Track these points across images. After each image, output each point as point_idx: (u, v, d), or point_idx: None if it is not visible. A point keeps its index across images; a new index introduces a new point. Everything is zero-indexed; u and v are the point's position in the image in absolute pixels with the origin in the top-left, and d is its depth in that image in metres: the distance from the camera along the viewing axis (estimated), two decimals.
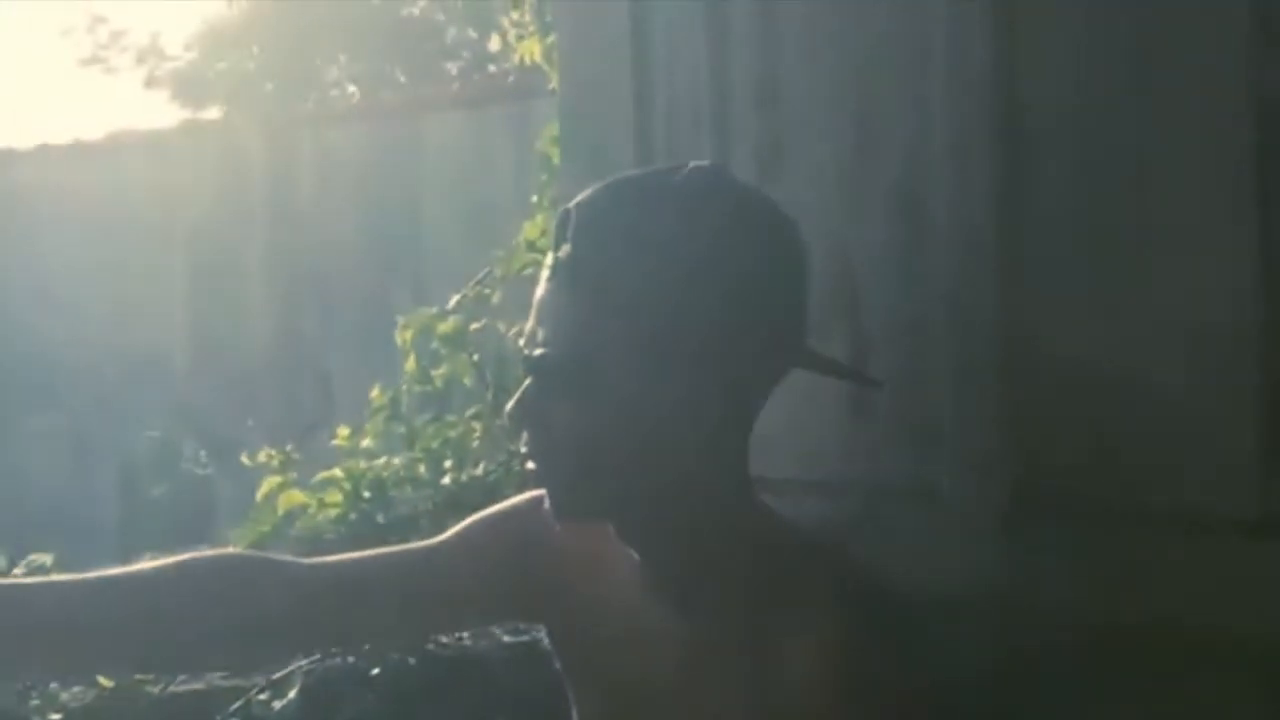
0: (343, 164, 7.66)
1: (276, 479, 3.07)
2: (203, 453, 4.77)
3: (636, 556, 1.47)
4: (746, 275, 1.39)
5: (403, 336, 3.49)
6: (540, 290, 1.43)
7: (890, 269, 1.66)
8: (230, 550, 1.81)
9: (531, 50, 3.57)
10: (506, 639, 2.78)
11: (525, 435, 1.45)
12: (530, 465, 1.45)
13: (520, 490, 3.33)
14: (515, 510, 1.60)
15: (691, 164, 1.44)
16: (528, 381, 1.42)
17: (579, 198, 1.43)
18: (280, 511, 3.02)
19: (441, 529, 2.98)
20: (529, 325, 1.43)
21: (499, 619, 1.70)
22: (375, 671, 2.71)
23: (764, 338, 1.41)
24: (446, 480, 3.31)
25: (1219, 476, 1.44)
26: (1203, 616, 1.44)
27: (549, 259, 1.43)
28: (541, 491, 1.47)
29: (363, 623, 1.58)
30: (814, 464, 1.56)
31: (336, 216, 7.64)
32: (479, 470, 3.25)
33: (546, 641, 1.65)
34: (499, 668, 2.72)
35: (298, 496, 3.00)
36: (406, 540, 3.08)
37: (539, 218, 3.49)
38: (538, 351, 1.40)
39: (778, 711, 1.36)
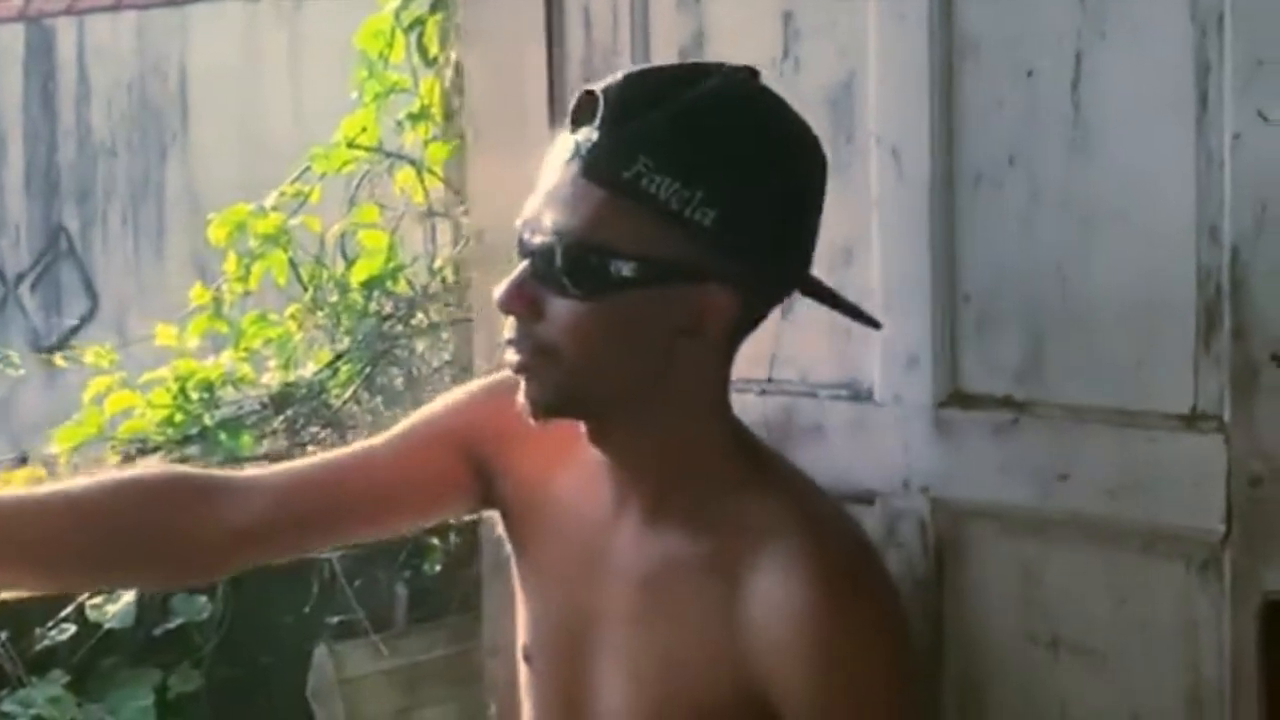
0: (106, 53, 7.38)
1: (105, 380, 2.97)
2: (14, 355, 4.59)
3: (608, 459, 1.42)
4: (779, 192, 1.34)
5: (217, 234, 3.41)
6: (551, 173, 1.34)
7: None
8: (178, 468, 1.76)
9: None
10: None
11: (510, 322, 1.36)
12: (510, 355, 1.37)
13: (346, 391, 3.26)
14: (484, 392, 1.55)
15: (726, 66, 1.38)
16: (523, 265, 1.35)
17: (605, 82, 1.33)
18: (108, 413, 2.92)
19: (269, 430, 2.89)
20: (531, 208, 1.35)
21: (461, 506, 1.60)
22: None
23: (784, 257, 1.37)
24: (270, 379, 3.24)
25: (1152, 371, 1.48)
26: (1130, 509, 1.48)
27: (563, 139, 1.34)
28: (510, 375, 1.40)
29: (331, 523, 1.53)
30: (747, 361, 1.56)
31: (100, 108, 7.37)
32: (308, 371, 3.19)
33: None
34: (335, 570, 2.70)
35: (129, 397, 2.90)
36: (235, 440, 3.03)
37: (359, 114, 3.42)
38: (539, 239, 1.33)
39: (731, 640, 1.33)
